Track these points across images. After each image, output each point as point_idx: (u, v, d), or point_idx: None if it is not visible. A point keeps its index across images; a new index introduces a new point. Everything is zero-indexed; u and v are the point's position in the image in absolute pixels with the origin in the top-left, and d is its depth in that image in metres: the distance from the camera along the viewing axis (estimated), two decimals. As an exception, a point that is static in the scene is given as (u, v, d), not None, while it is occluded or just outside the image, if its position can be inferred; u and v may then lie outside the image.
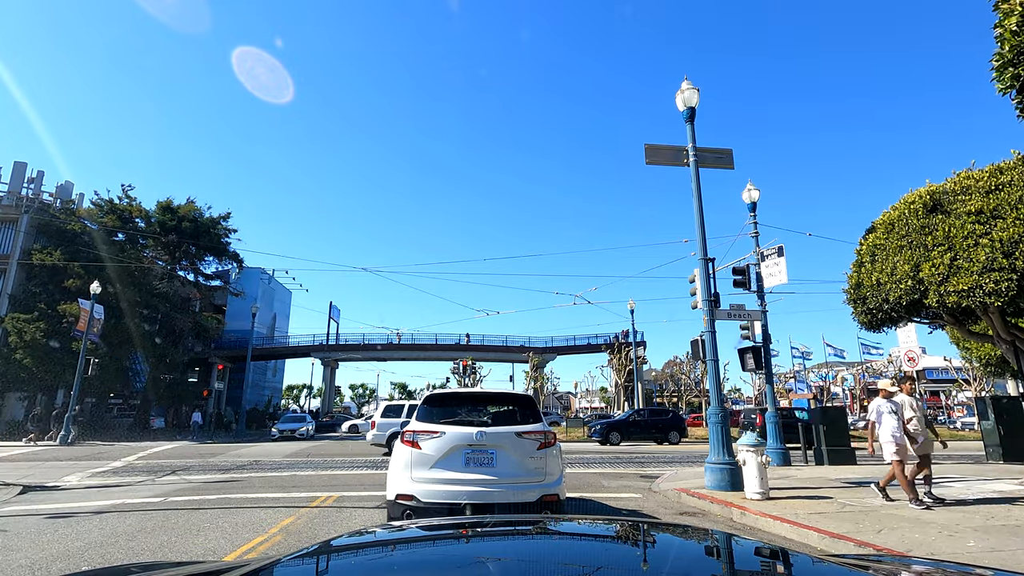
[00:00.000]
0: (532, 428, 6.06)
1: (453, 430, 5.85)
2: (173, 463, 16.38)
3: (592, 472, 13.97)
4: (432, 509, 5.50)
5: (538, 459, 5.95)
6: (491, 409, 6.73)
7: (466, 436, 5.80)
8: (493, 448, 5.83)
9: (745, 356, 15.26)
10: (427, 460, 5.72)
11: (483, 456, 5.81)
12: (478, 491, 5.67)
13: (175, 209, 35.21)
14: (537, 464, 5.94)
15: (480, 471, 5.76)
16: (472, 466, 5.77)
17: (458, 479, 5.68)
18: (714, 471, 9.44)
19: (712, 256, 10.56)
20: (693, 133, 10.98)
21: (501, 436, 5.90)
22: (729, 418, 9.88)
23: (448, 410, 6.28)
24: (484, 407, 6.72)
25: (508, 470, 5.82)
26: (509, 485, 5.79)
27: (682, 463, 16.29)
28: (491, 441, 5.82)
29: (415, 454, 5.78)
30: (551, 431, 6.24)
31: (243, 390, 37.21)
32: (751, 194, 16.29)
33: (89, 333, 27.63)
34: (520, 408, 6.52)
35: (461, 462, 5.75)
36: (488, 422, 6.19)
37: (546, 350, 51.31)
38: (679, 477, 12.61)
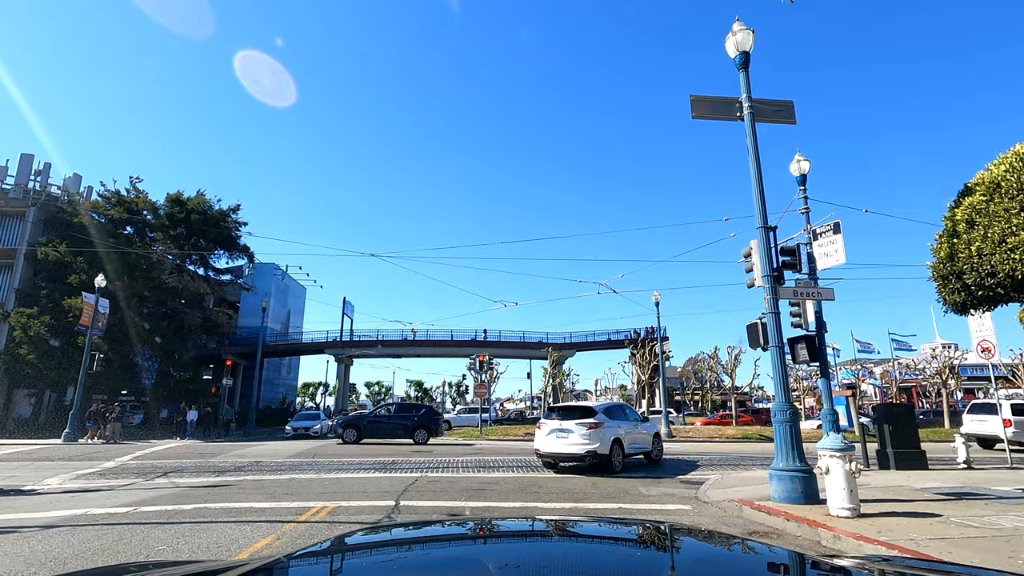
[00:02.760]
0: (584, 420, 12.92)
1: (550, 422, 13.39)
2: (169, 464, 15.19)
3: (624, 477, 12.42)
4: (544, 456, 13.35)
5: (588, 434, 12.62)
6: (568, 411, 13.87)
7: (555, 424, 13.20)
8: (568, 430, 12.87)
9: (796, 346, 13.52)
10: (543, 434, 13.28)
11: (563, 434, 12.91)
12: (559, 451, 12.91)
13: (184, 201, 34.31)
14: (587, 437, 12.60)
15: (561, 439, 12.89)
16: (558, 438, 12.95)
17: (552, 443, 13.01)
18: (783, 480, 7.83)
19: (773, 225, 8.95)
20: (747, 82, 9.37)
21: (569, 423, 12.95)
22: (799, 416, 8.25)
23: (551, 412, 14.31)
24: (566, 411, 13.91)
25: (573, 439, 12.71)
26: (573, 446, 12.66)
27: (720, 465, 14.65)
28: (566, 426, 12.94)
29: (538, 432, 13.56)
30: (595, 421, 12.84)
31: (254, 387, 36.20)
32: (800, 166, 14.57)
33: (93, 328, 26.75)
34: (582, 410, 13.71)
35: (555, 436, 13.03)
36: (564, 417, 13.32)
37: (565, 346, 49.69)
38: (728, 483, 11.01)
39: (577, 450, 12.67)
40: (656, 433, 15.73)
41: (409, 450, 20.29)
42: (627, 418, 14.52)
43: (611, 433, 13.08)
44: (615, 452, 13.04)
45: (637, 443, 14.46)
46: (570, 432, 12.86)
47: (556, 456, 13.22)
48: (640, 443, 14.65)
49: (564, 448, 12.88)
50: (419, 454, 18.31)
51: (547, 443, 13.21)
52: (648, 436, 15.11)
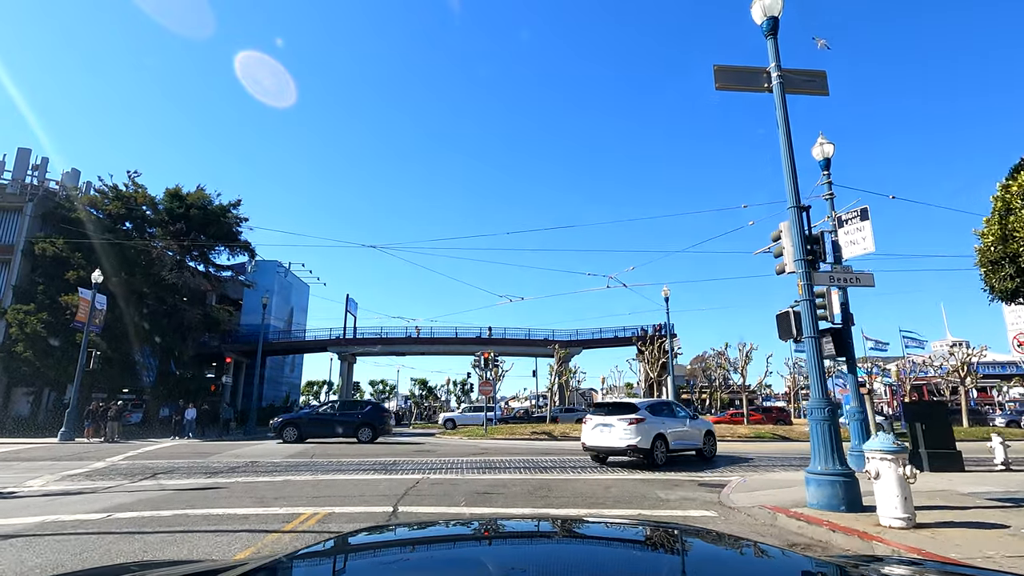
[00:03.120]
0: (627, 415, 13.75)
1: (595, 417, 14.39)
2: (160, 464, 14.54)
3: (638, 479, 11.67)
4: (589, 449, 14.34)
5: (629, 429, 13.41)
6: (612, 407, 14.74)
7: (599, 419, 14.16)
8: (609, 423, 13.79)
9: (821, 340, 12.75)
10: (589, 428, 14.24)
11: (606, 427, 13.83)
12: (602, 444, 13.86)
13: (183, 196, 33.70)
14: (628, 431, 13.39)
15: (604, 433, 13.80)
16: (602, 432, 13.86)
17: (597, 436, 13.95)
18: (821, 485, 7.07)
19: (807, 204, 8.18)
20: (776, 49, 8.58)
21: (612, 419, 13.83)
22: (838, 413, 7.48)
23: (596, 408, 15.93)
24: (610, 407, 14.80)
25: (615, 433, 13.55)
26: (615, 440, 13.51)
27: (738, 465, 13.87)
28: (608, 421, 13.84)
29: (584, 426, 14.58)
30: (637, 416, 13.65)
31: (255, 385, 35.62)
32: (824, 149, 13.78)
33: (90, 324, 26.19)
34: (625, 406, 14.40)
35: (599, 430, 13.95)
36: (608, 413, 14.25)
37: (571, 343, 48.89)
38: (751, 486, 10.25)
39: (618, 444, 13.55)
40: (709, 431, 15.99)
41: (412, 449, 19.61)
42: (674, 415, 15.12)
43: (653, 429, 13.72)
44: (657, 447, 13.64)
45: (685, 439, 14.91)
46: (612, 427, 13.77)
47: (599, 449, 14.16)
48: (689, 439, 15.09)
49: (607, 442, 13.83)
50: (422, 454, 17.62)
51: (592, 436, 14.20)
52: (698, 433, 15.51)
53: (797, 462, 15.13)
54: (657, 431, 13.71)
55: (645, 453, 13.40)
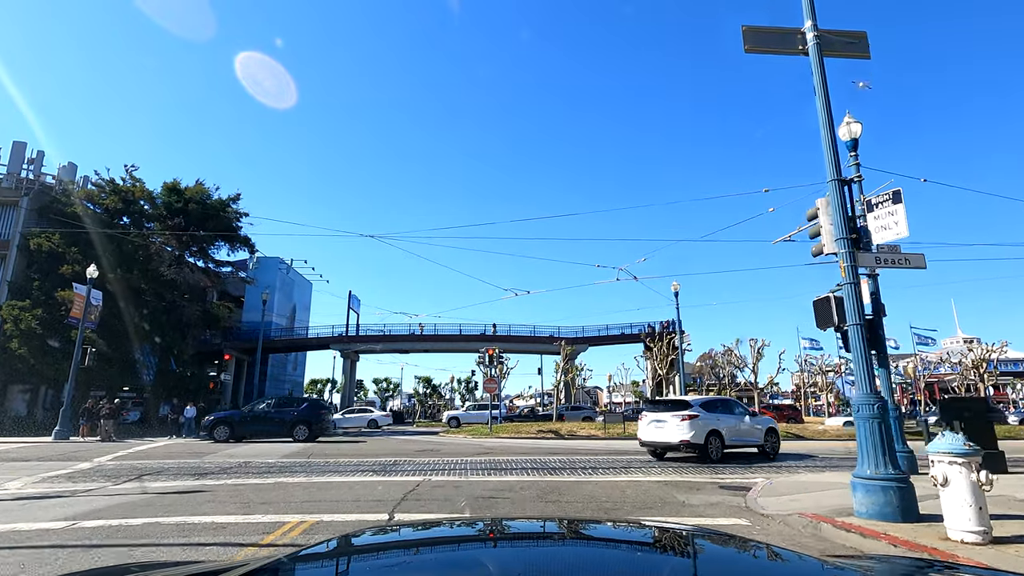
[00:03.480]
0: (679, 412, 14.21)
1: (649, 414, 15.00)
2: (149, 465, 13.84)
3: (655, 481, 10.87)
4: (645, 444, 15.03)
5: (681, 425, 13.88)
6: (666, 404, 15.34)
7: (653, 415, 14.73)
8: (663, 419, 14.37)
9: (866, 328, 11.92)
10: (644, 424, 14.92)
11: (660, 423, 14.43)
12: (656, 439, 14.49)
13: (182, 191, 33.06)
14: (681, 427, 13.87)
15: (658, 429, 14.43)
16: (656, 427, 14.49)
17: (651, 431, 14.57)
18: (871, 491, 6.25)
19: (852, 177, 7.34)
20: (812, 7, 7.74)
21: (665, 415, 14.37)
22: (887, 410, 6.65)
23: (651, 405, 16.18)
24: (664, 403, 15.40)
25: (668, 429, 14.12)
26: (668, 435, 14.08)
27: (759, 466, 13.02)
28: (662, 417, 14.44)
29: (640, 422, 15.36)
30: (690, 413, 14.05)
31: (256, 383, 34.98)
32: (851, 129, 12.89)
33: (85, 321, 25.55)
34: (678, 403, 14.92)
35: (653, 426, 14.58)
36: (662, 409, 14.81)
37: (577, 340, 48.09)
38: (779, 490, 9.45)
39: (671, 439, 14.14)
40: (771, 428, 15.99)
41: (414, 448, 18.86)
42: (731, 412, 15.39)
43: (707, 425, 14.11)
44: (711, 442, 14.02)
45: (742, 436, 15.11)
46: (665, 423, 14.39)
47: (654, 444, 14.85)
48: (747, 436, 15.25)
49: (660, 437, 14.47)
50: (424, 453, 16.87)
51: (646, 432, 14.92)
52: (758, 430, 15.59)
53: (821, 463, 14.30)
54: (711, 427, 14.10)
55: (698, 448, 13.84)
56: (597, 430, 26.41)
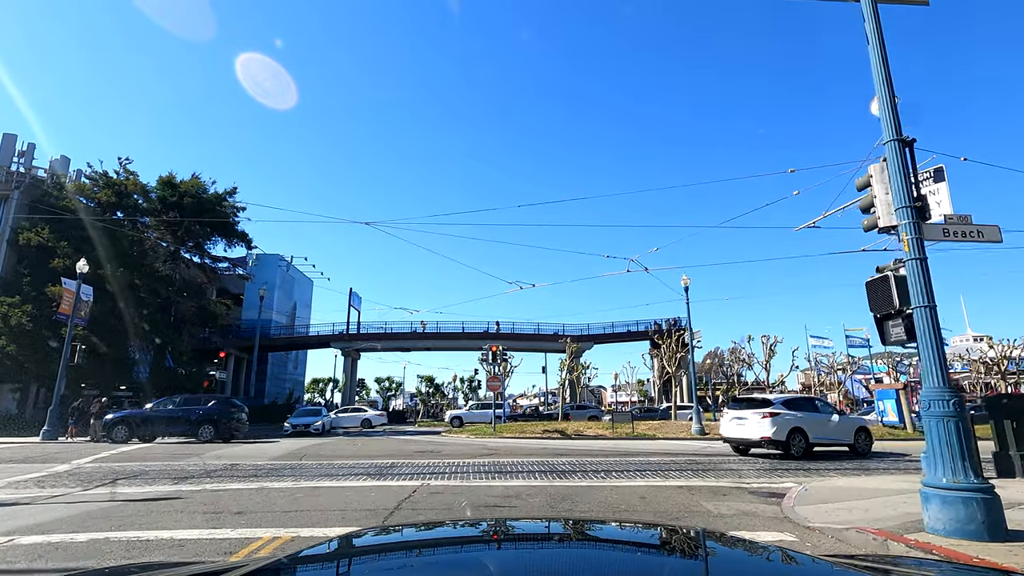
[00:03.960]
0: (760, 409, 14.71)
1: (731, 411, 15.71)
2: (131, 467, 12.94)
3: (675, 486, 9.89)
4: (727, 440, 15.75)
5: (761, 422, 14.32)
6: (747, 402, 16.01)
7: (735, 413, 15.37)
8: (744, 417, 14.88)
9: (886, 324, 10.88)
10: (726, 421, 15.67)
11: (741, 421, 14.97)
12: (737, 436, 15.03)
13: (177, 184, 32.18)
14: (761, 424, 14.31)
15: (740, 426, 14.96)
16: (738, 424, 15.03)
17: (733, 428, 15.17)
18: (949, 503, 5.24)
19: (909, 137, 6.35)
20: (864, -55, 6.74)
21: (746, 413, 14.94)
22: (964, 406, 5.64)
23: (734, 403, 16.97)
24: (746, 402, 16.10)
25: (749, 426, 14.62)
26: (748, 432, 14.58)
27: (784, 469, 12.01)
28: (743, 415, 14.99)
29: (722, 419, 16.48)
30: (771, 411, 14.46)
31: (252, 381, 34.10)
32: (886, 102, 11.86)
33: (75, 317, 24.70)
34: (760, 401, 15.48)
35: (734, 423, 15.16)
36: (743, 407, 15.49)
37: (582, 338, 47.07)
38: (817, 497, 8.47)
39: (753, 435, 14.55)
40: (862, 427, 16.04)
41: (414, 449, 17.92)
42: (816, 410, 15.65)
43: (789, 423, 14.41)
44: (793, 439, 14.30)
45: (829, 434, 15.25)
46: (746, 420, 14.80)
47: (736, 440, 15.33)
48: (834, 434, 15.35)
49: (741, 434, 14.96)
50: (424, 454, 15.93)
51: (728, 428, 15.50)
52: (846, 428, 15.70)
53: (850, 465, 13.27)
54: (794, 425, 14.40)
55: (780, 445, 14.22)
56: (605, 430, 25.44)
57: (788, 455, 14.23)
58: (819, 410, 15.77)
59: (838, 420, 15.82)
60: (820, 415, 15.47)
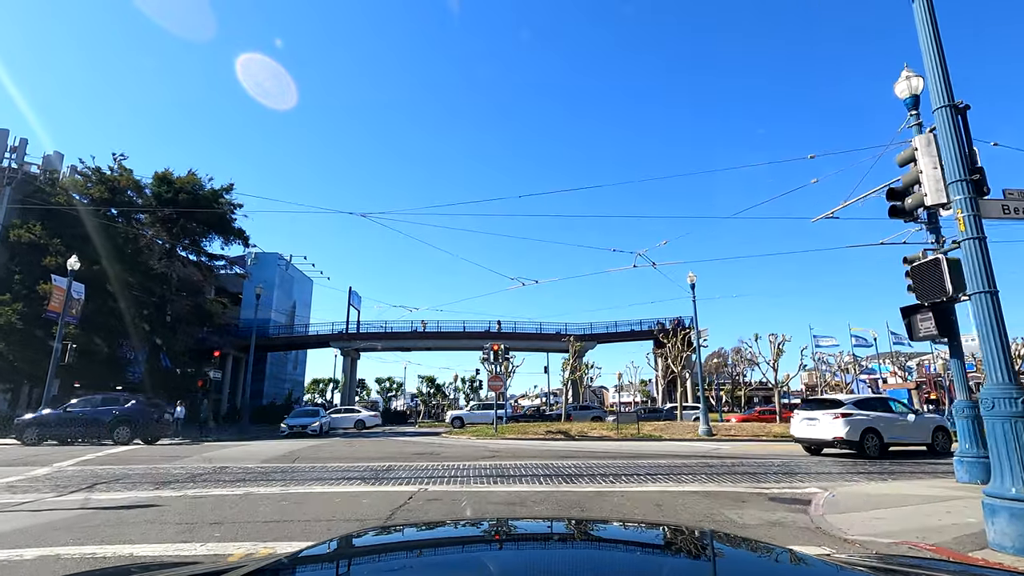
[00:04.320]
0: (831, 410, 14.81)
1: (802, 412, 15.82)
2: (113, 470, 12.30)
3: (691, 491, 9.21)
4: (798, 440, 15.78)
5: (833, 423, 14.40)
6: (818, 403, 16.21)
7: (806, 413, 15.50)
8: (816, 418, 14.95)
9: (915, 317, 10.22)
10: (797, 421, 15.71)
11: (812, 421, 15.06)
12: (808, 436, 15.14)
13: (172, 180, 31.58)
14: (833, 424, 14.40)
15: (811, 427, 15.07)
16: (809, 424, 15.13)
17: (804, 428, 15.24)
18: (1021, 517, 4.56)
19: (964, 103, 5.66)
20: None
21: (817, 413, 15.03)
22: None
23: (805, 404, 17.25)
24: (817, 402, 16.32)
25: (820, 426, 14.72)
26: (820, 432, 14.70)
27: (804, 473, 11.31)
28: (814, 415, 15.08)
29: (793, 420, 16.26)
30: (842, 411, 14.54)
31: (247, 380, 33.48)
32: (911, 84, 11.15)
33: (66, 315, 24.10)
34: (831, 402, 15.69)
35: (805, 423, 15.27)
36: (814, 408, 15.60)
37: (585, 337, 46.36)
38: (848, 504, 7.81)
39: (825, 435, 14.71)
40: (939, 427, 15.88)
41: (413, 451, 17.27)
42: (889, 410, 15.67)
43: (862, 423, 14.48)
44: (867, 439, 14.37)
45: (905, 434, 15.27)
46: (818, 420, 14.96)
47: (808, 440, 15.50)
48: (910, 434, 15.36)
49: (812, 434, 15.14)
50: (423, 456, 15.27)
51: (799, 429, 15.67)
52: (924, 428, 15.61)
53: (874, 468, 12.57)
54: (867, 425, 14.46)
55: (853, 445, 14.31)
56: (609, 431, 24.77)
57: (863, 455, 14.26)
58: (893, 410, 15.72)
59: (914, 420, 15.72)
60: (895, 415, 15.45)
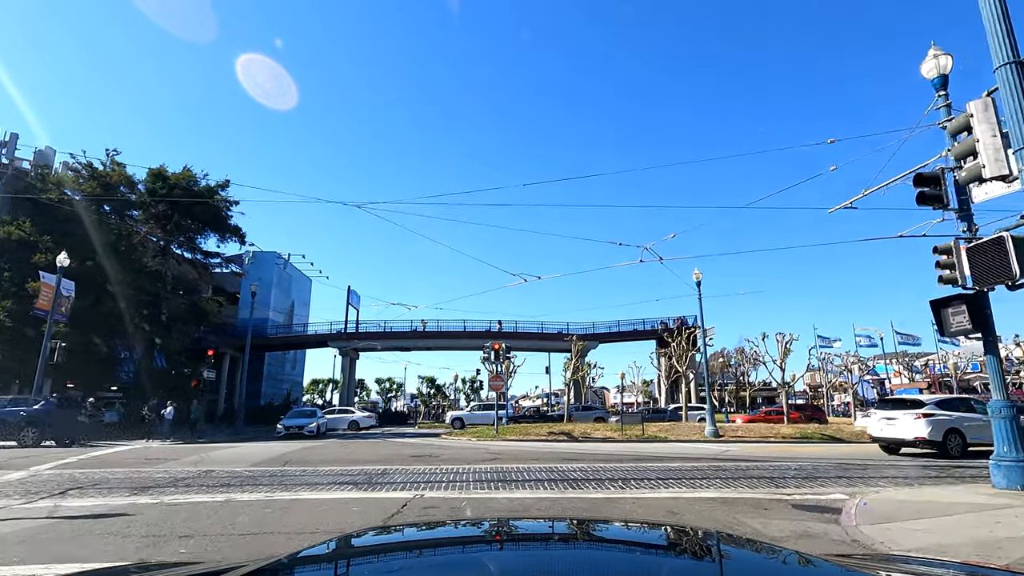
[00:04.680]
0: (912, 410, 14.94)
1: (880, 412, 16.35)
2: (92, 474, 11.64)
3: (707, 497, 8.54)
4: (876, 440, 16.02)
5: (914, 423, 14.52)
6: (898, 403, 16.46)
7: (884, 413, 15.92)
8: (895, 418, 15.19)
9: (946, 311, 9.56)
10: (874, 421, 16.31)
11: (891, 421, 15.28)
12: (887, 436, 15.33)
13: (166, 176, 30.95)
14: (913, 424, 14.52)
15: (889, 426, 15.30)
16: (888, 424, 15.38)
17: (883, 428, 15.54)
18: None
19: None
20: None
21: (897, 413, 15.24)
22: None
23: (882, 404, 18.73)
24: (896, 402, 16.64)
25: (899, 426, 14.93)
26: (899, 432, 14.94)
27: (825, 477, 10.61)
28: (893, 415, 15.33)
29: (870, 420, 18.00)
30: (923, 411, 14.72)
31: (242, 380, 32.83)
32: (939, 63, 10.51)
33: (55, 313, 23.47)
34: (911, 402, 15.84)
35: (884, 423, 15.56)
36: (893, 408, 15.97)
37: (587, 337, 45.65)
38: (885, 513, 7.14)
39: (904, 435, 14.84)
40: None
41: (410, 454, 16.60)
42: (972, 410, 15.45)
43: (944, 423, 14.52)
44: (950, 440, 14.38)
45: (985, 435, 14.84)
46: (897, 420, 15.14)
47: (887, 440, 15.64)
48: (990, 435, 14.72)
49: (891, 433, 15.29)
50: (421, 459, 14.61)
51: (877, 428, 15.90)
52: None
53: (898, 472, 11.87)
54: (950, 425, 14.47)
55: (936, 445, 14.34)
56: (613, 432, 24.08)
57: (946, 456, 14.23)
58: (976, 411, 15.29)
59: None
60: (977, 415, 15.01)
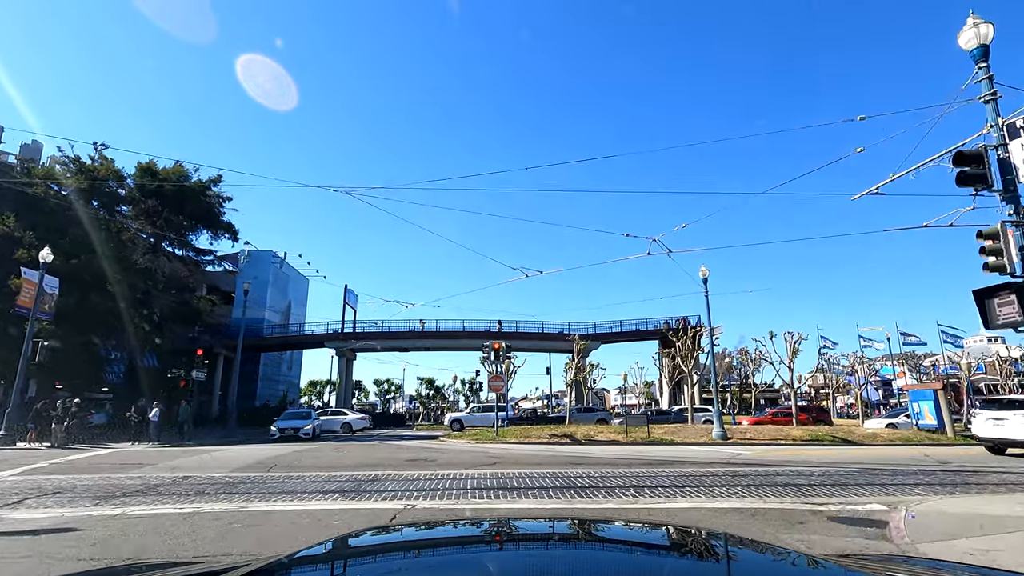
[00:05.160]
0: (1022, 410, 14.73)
1: (985, 412, 15.75)
2: (59, 481, 10.78)
3: (728, 508, 7.66)
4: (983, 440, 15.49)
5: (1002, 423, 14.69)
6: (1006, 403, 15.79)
7: (990, 413, 15.34)
8: (1004, 417, 14.80)
9: (992, 302, 8.71)
10: (980, 422, 15.50)
11: (1000, 421, 15.02)
12: (996, 436, 14.70)
13: (156, 172, 30.08)
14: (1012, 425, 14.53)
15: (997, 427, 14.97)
16: (996, 424, 14.97)
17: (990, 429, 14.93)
18: None
19: None
20: None
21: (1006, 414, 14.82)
22: None
23: (987, 404, 16.77)
24: (1003, 403, 15.92)
25: (1009, 426, 14.49)
26: (1010, 432, 14.52)
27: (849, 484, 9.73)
28: (1002, 415, 14.86)
29: (975, 420, 15.96)
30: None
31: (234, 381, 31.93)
32: (979, 32, 9.69)
33: (37, 310, 22.58)
34: (1020, 402, 15.29)
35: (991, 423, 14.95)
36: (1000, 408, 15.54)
37: (588, 337, 44.74)
38: (940, 527, 6.30)
39: (1015, 435, 14.46)
40: None
41: (405, 458, 15.71)
42: None
43: None
44: None
45: None
46: (1006, 420, 14.71)
47: (995, 440, 15.16)
48: None
49: (1000, 434, 14.83)
50: (416, 464, 13.72)
51: (984, 428, 15.38)
52: None
53: (930, 479, 10.98)
54: None
55: None
56: (617, 434, 23.20)
57: None
58: None
59: None
60: None
